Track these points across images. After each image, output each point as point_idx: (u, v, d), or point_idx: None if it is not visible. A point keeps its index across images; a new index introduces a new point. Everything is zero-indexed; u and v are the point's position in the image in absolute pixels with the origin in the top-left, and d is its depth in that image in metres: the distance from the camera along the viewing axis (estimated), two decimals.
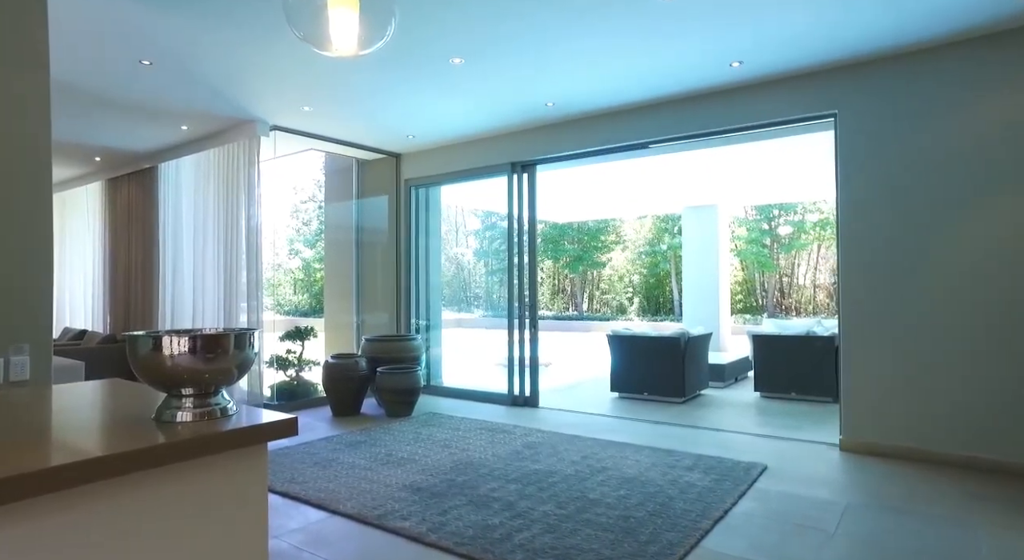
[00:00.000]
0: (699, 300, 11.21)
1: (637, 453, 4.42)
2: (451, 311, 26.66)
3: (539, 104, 5.44)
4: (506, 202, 6.54)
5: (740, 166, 7.97)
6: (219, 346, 1.56)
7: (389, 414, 5.81)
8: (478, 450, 4.54)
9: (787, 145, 6.78)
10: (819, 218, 19.73)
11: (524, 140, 6.33)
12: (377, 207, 7.63)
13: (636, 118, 5.55)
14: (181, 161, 6.87)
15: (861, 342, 4.48)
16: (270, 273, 26.51)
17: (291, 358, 6.74)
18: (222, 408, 1.65)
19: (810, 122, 4.81)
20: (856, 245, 4.51)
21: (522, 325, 6.46)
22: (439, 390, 7.10)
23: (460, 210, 28.60)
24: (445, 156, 7.00)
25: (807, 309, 20.48)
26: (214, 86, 4.89)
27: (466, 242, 29.26)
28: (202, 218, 6.51)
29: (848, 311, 4.54)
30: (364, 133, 6.46)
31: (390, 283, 7.45)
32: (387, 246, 7.49)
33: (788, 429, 5.22)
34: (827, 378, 6.43)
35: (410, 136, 6.56)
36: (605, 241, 23.63)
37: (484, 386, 7.18)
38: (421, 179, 7.28)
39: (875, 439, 4.40)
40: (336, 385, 5.82)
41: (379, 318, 7.56)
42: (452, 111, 5.67)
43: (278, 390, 6.47)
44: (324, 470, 4.05)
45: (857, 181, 4.50)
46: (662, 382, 6.54)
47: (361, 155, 7.40)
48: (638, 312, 22.69)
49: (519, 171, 6.46)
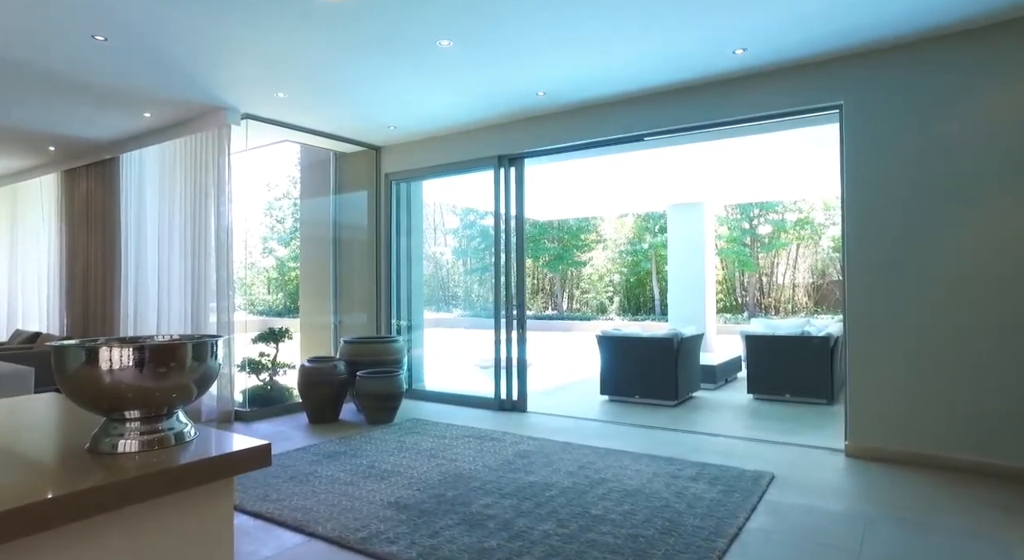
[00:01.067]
0: (684, 299, 11.05)
1: (636, 462, 4.17)
2: (430, 311, 26.27)
3: (530, 93, 5.16)
4: (492, 197, 6.25)
5: (730, 163, 7.80)
6: (173, 358, 1.26)
7: (370, 421, 5.49)
8: (467, 460, 4.24)
9: (779, 141, 6.61)
10: (798, 218, 19.81)
11: (512, 132, 6.04)
12: (356, 203, 7.28)
13: (631, 109, 5.30)
14: (145, 152, 6.43)
15: (867, 343, 4.29)
16: (243, 272, 25.82)
17: (264, 361, 6.37)
18: (177, 434, 1.35)
19: (814, 114, 4.61)
20: (862, 243, 4.32)
21: (509, 326, 6.18)
22: (422, 394, 6.78)
23: (439, 208, 28.21)
24: (428, 149, 6.68)
25: (786, 308, 20.55)
26: (179, 67, 4.51)
27: (444, 241, 28.88)
28: (168, 213, 6.10)
29: (854, 311, 4.35)
30: (343, 124, 6.11)
31: (369, 282, 7.11)
32: (366, 244, 7.14)
33: (789, 433, 5.02)
34: (822, 379, 6.26)
35: (392, 127, 6.23)
36: (586, 240, 23.47)
37: (468, 389, 6.89)
38: (402, 173, 6.95)
39: (882, 444, 4.21)
40: (313, 391, 5.47)
41: (358, 319, 7.21)
42: (437, 100, 5.36)
43: (251, 395, 6.09)
44: (301, 485, 3.71)
45: (863, 176, 4.31)
46: (654, 384, 6.31)
47: (339, 148, 7.04)
48: (618, 311, 22.57)
49: (506, 165, 6.18)
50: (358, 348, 5.97)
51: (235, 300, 5.50)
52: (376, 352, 5.97)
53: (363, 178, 7.19)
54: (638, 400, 6.41)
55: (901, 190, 4.17)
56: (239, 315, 23.20)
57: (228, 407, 5.49)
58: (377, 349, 6.00)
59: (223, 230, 5.51)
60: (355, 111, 5.66)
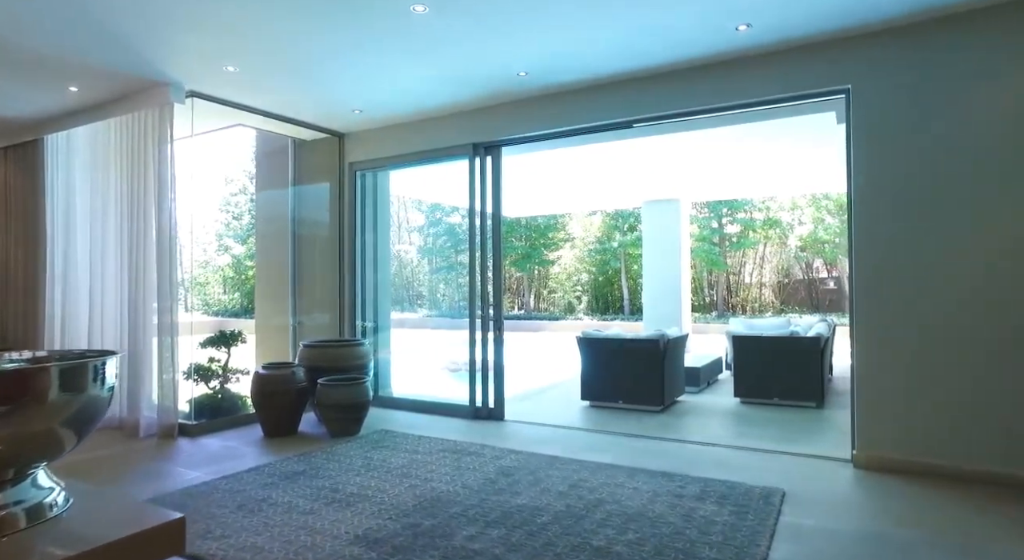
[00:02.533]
0: (660, 298, 10.76)
1: (632, 478, 3.77)
2: (395, 311, 25.57)
3: (511, 73, 4.71)
4: (463, 190, 5.78)
5: (711, 156, 7.50)
6: (23, 390, 0.78)
7: (333, 433, 4.96)
8: (444, 480, 3.78)
9: (767, 134, 6.33)
10: (766, 217, 19.87)
11: (489, 118, 5.58)
12: (317, 195, 6.71)
13: (620, 93, 4.91)
14: (73, 133, 5.71)
15: (877, 346, 3.98)
16: (198, 270, 24.70)
17: (215, 368, 5.77)
18: (32, 508, 0.87)
19: (819, 99, 4.29)
20: (871, 238, 4.01)
21: (485, 327, 5.72)
22: (390, 401, 6.27)
23: (404, 205, 27.53)
24: (396, 136, 6.17)
25: (753, 307, 20.61)
26: (109, 31, 3.91)
27: (409, 239, 28.22)
28: (102, 204, 5.43)
29: (862, 312, 4.04)
30: (302, 106, 5.56)
31: (332, 281, 6.56)
32: (328, 239, 6.59)
33: (788, 442, 4.70)
34: (812, 382, 5.99)
35: (356, 111, 5.70)
36: (554, 238, 23.14)
37: (440, 396, 6.41)
38: (368, 163, 6.42)
39: (894, 454, 3.91)
40: (268, 400, 4.91)
41: (319, 320, 6.65)
42: (408, 79, 4.87)
43: (198, 405, 5.49)
44: (251, 516, 3.19)
45: (872, 167, 4.00)
46: (639, 389, 5.94)
47: (299, 134, 6.47)
48: (587, 311, 22.31)
49: (482, 154, 5.72)
50: (319, 352, 5.43)
51: (188, 300, 4.90)
52: (339, 357, 5.44)
53: (325, 168, 6.63)
54: (622, 405, 6.03)
55: (913, 182, 3.88)
56: (194, 316, 22.17)
57: (171, 419, 4.89)
58: (340, 353, 5.47)
59: (166, 223, 4.89)
60: (316, 91, 5.13)
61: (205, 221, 23.50)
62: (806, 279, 20.48)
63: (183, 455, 4.38)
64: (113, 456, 4.38)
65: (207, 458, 4.29)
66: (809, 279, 20.42)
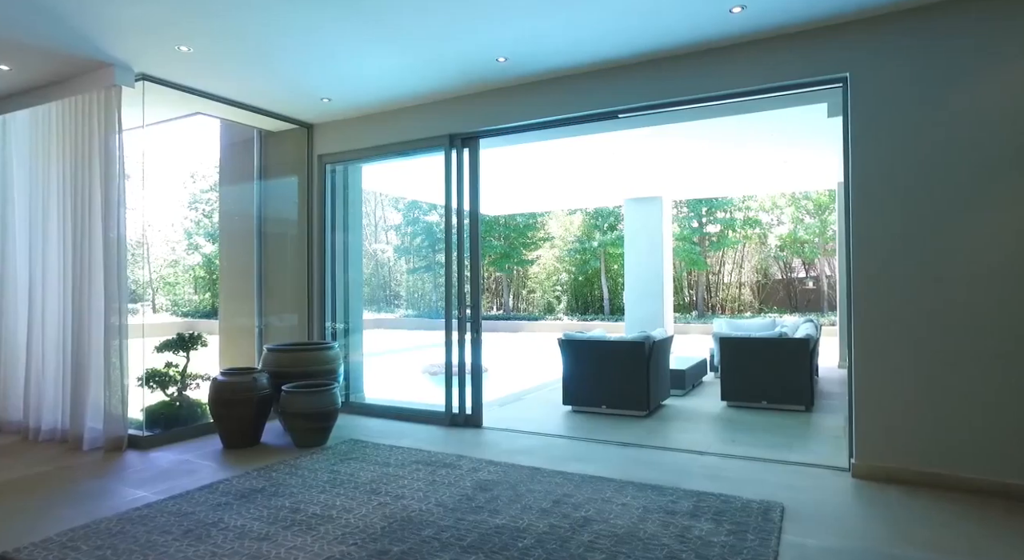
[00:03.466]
0: (642, 298, 10.54)
1: (620, 493, 3.50)
2: (371, 312, 25.12)
3: (489, 58, 4.41)
4: (439, 185, 5.46)
5: (696, 152, 7.28)
6: None
7: (298, 444, 4.61)
8: (417, 497, 3.46)
9: (754, 132, 6.12)
10: (746, 217, 19.84)
11: (466, 108, 5.28)
12: (285, 189, 6.33)
13: (604, 81, 4.64)
14: (9, 118, 5.23)
15: (875, 349, 3.76)
16: (167, 270, 23.96)
17: (172, 373, 5.37)
18: None
19: (816, 88, 4.06)
20: (870, 234, 3.78)
21: (462, 329, 5.42)
22: (361, 408, 5.93)
23: (381, 203, 27.06)
24: (368, 127, 5.83)
25: (733, 307, 20.58)
26: (44, 1, 3.53)
27: (387, 237, 27.77)
28: (42, 197, 4.99)
29: (860, 313, 3.81)
30: (267, 93, 5.19)
31: (300, 281, 6.20)
32: (297, 237, 6.22)
33: (781, 449, 4.48)
34: (801, 385, 5.79)
35: (325, 99, 5.35)
36: (533, 238, 22.89)
37: (415, 401, 6.10)
38: (338, 156, 6.07)
39: (894, 463, 3.69)
40: (227, 410, 4.55)
41: (287, 322, 6.28)
42: (381, 66, 4.55)
43: (153, 415, 5.09)
44: (198, 544, 2.84)
45: (872, 161, 3.78)
46: (623, 393, 5.68)
47: (265, 124, 6.09)
48: (566, 311, 22.10)
49: (458, 146, 5.41)
50: (285, 357, 5.08)
51: (155, 301, 4.49)
52: (306, 361, 5.09)
53: (293, 161, 6.26)
54: (605, 411, 5.76)
55: (916, 176, 3.66)
56: (162, 317, 21.41)
57: (119, 431, 4.50)
58: (307, 358, 5.12)
59: (114, 218, 4.50)
60: (281, 77, 4.77)
61: (174, 219, 22.81)
62: (785, 279, 20.52)
63: (129, 471, 4.00)
64: (49, 473, 3.97)
65: (156, 475, 3.92)
66: (787, 279, 20.46)
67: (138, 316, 21.80)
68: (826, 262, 19.14)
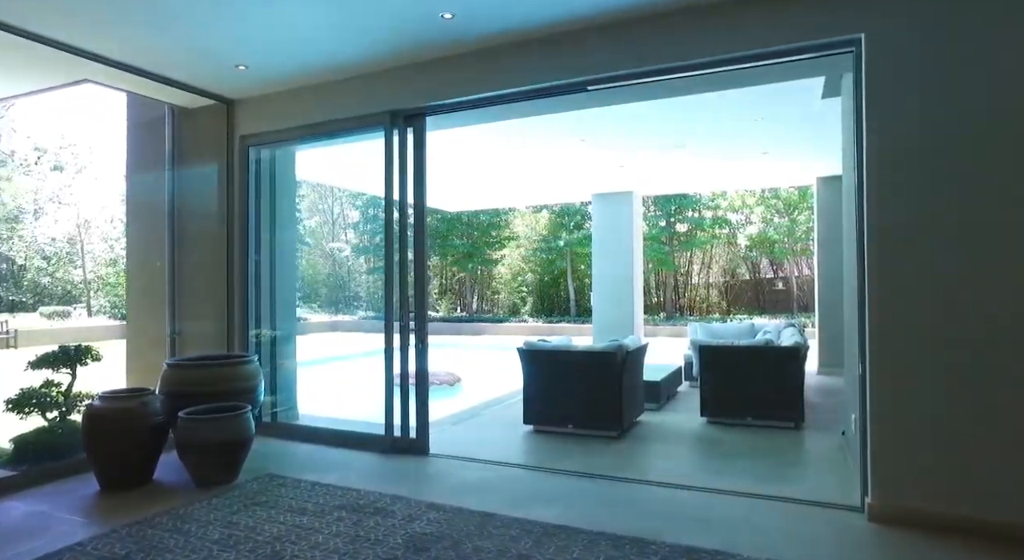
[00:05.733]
0: (611, 301, 9.88)
1: (591, 550, 2.77)
2: (328, 313, 24.01)
3: (432, 13, 3.64)
4: (383, 169, 4.66)
5: (672, 137, 6.64)
6: None
7: (199, 482, 3.76)
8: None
9: (736, 110, 5.49)
10: (714, 216, 19.45)
11: (410, 79, 4.50)
12: (203, 177, 5.43)
13: (571, 45, 3.91)
14: None
15: (898, 364, 3.12)
16: (106, 270, 22.46)
17: (54, 394, 4.45)
18: None
19: (822, 53, 3.40)
20: (889, 228, 3.14)
21: (405, 336, 4.63)
22: (288, 431, 5.08)
23: (340, 197, 25.96)
24: (296, 104, 5.00)
25: (701, 308, 20.18)
26: None
27: (346, 236, 26.69)
28: None
29: (878, 321, 3.17)
30: (169, 56, 4.32)
31: (220, 282, 5.32)
32: (218, 231, 5.34)
33: (777, 481, 3.82)
34: (790, 399, 5.17)
35: (241, 66, 4.50)
36: (498, 237, 22.14)
37: (358, 417, 5.30)
38: (263, 137, 5.21)
39: (918, 504, 3.05)
40: (103, 444, 3.67)
41: (206, 329, 5.39)
42: (301, 24, 3.74)
43: (24, 447, 4.16)
44: None
45: (890, 137, 3.14)
46: (592, 411, 4.97)
47: (176, 98, 5.19)
48: (531, 313, 21.42)
49: (401, 125, 4.62)
50: (190, 373, 4.22)
51: (91, 304, 3.57)
52: (216, 378, 4.24)
53: (212, 143, 5.37)
54: (572, 431, 5.05)
55: (946, 157, 3.03)
56: (98, 320, 19.94)
57: None
58: (218, 374, 4.27)
59: None
60: (182, 35, 3.91)
61: (113, 213, 21.34)
62: (753, 279, 20.21)
63: None
64: None
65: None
66: (756, 280, 20.16)
67: (71, 320, 20.31)
68: (796, 263, 18.87)
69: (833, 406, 5.97)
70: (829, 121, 5.49)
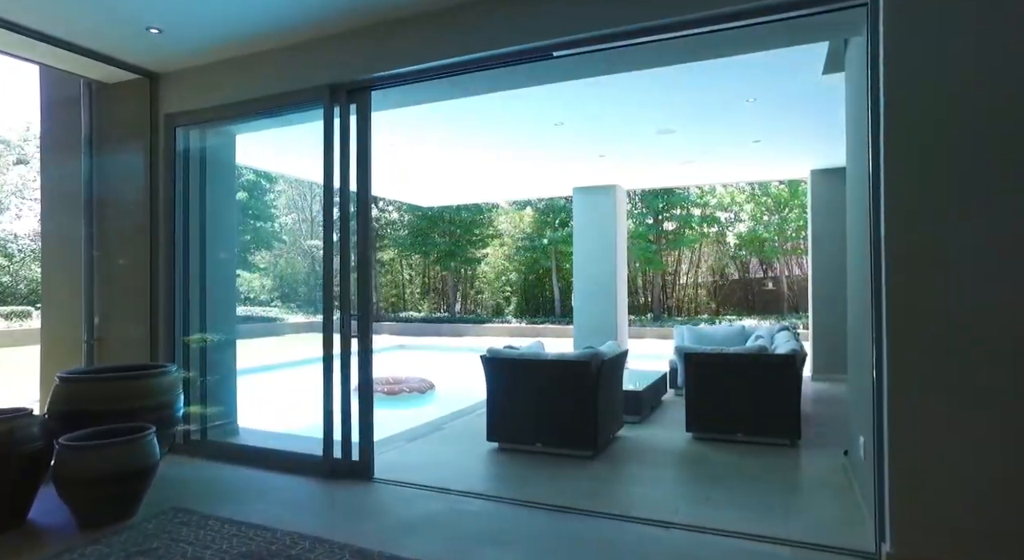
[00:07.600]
0: (593, 301, 9.30)
1: None
2: (305, 314, 23.27)
3: None
4: (321, 150, 4.04)
5: (655, 122, 6.07)
6: None
7: (83, 522, 3.13)
8: None
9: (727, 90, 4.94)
10: (703, 213, 18.95)
11: (353, 47, 3.89)
12: (126, 161, 4.79)
13: (536, 4, 3.32)
14: None
15: (924, 380, 2.55)
16: None
17: None
18: None
19: (829, 10, 2.83)
20: (912, 213, 2.58)
21: (346, 339, 4.01)
22: (217, 450, 4.45)
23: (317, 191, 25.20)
24: (226, 78, 4.38)
25: (689, 309, 19.68)
26: None
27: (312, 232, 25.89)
28: None
29: (899, 331, 2.60)
30: (71, 16, 3.67)
31: (145, 281, 4.68)
32: (142, 223, 4.70)
33: (774, 513, 3.25)
34: (785, 413, 4.61)
35: (153, 29, 3.87)
36: (481, 235, 21.51)
37: (301, 430, 4.69)
38: (191, 116, 4.57)
39: (947, 552, 2.49)
40: None
41: (130, 334, 4.74)
42: None
43: None
44: None
45: (909, 110, 2.57)
46: (565, 428, 4.39)
47: (92, 72, 4.56)
48: (515, 313, 20.81)
49: (343, 100, 4.00)
50: (85, 389, 3.59)
51: None
52: (121, 394, 3.62)
53: (135, 124, 4.73)
54: (541, 450, 4.46)
55: (975, 127, 2.47)
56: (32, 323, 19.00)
57: None
58: (124, 389, 3.65)
59: None
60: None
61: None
62: (742, 279, 19.74)
63: None
64: None
65: None
66: (745, 279, 19.69)
67: (34, 319, 19.40)
68: (786, 262, 18.41)
69: (832, 418, 5.43)
70: (829, 102, 4.96)
